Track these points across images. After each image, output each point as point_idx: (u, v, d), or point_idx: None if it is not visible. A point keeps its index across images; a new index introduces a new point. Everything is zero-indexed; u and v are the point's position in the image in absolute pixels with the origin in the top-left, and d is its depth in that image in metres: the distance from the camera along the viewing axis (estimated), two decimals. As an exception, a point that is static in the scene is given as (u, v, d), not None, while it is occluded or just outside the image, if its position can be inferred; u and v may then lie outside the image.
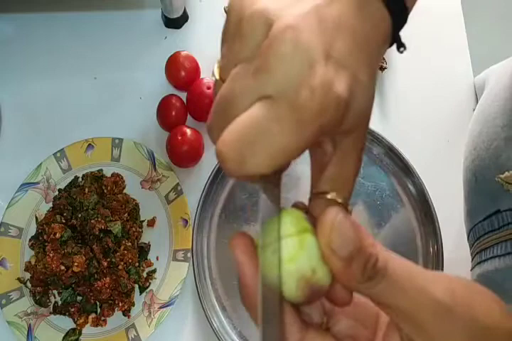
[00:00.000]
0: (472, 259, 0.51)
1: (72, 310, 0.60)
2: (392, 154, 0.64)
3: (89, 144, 0.66)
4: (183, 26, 0.72)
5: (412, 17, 0.31)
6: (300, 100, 0.22)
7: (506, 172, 0.43)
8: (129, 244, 0.61)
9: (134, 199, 0.64)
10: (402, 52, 0.29)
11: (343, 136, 0.25)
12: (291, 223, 0.24)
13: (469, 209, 0.52)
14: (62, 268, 0.58)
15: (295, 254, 0.23)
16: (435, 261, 0.60)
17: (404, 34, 0.30)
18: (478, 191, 0.49)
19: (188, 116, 0.66)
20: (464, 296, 0.24)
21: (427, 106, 0.70)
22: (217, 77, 0.26)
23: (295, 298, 0.24)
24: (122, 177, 0.65)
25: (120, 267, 0.59)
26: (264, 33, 0.23)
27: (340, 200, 0.25)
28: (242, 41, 0.24)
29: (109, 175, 0.65)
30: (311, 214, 0.26)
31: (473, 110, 0.60)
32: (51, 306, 0.61)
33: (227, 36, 0.25)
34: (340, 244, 0.23)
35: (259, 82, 0.22)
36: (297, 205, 0.27)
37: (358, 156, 0.26)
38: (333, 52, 0.23)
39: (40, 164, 0.65)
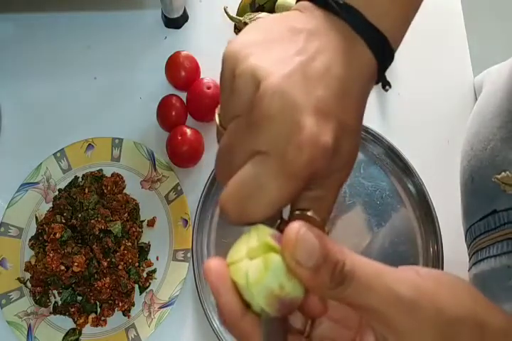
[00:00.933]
0: (470, 259, 0.51)
1: (72, 310, 0.60)
2: (392, 154, 0.64)
3: (89, 144, 0.66)
4: (183, 26, 0.72)
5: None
6: (289, 156, 0.24)
7: (503, 173, 0.43)
8: (129, 244, 0.61)
9: (134, 199, 0.64)
10: (387, 90, 0.32)
11: (330, 173, 0.27)
12: (257, 241, 0.25)
13: (466, 209, 0.52)
14: (62, 268, 0.58)
15: (260, 276, 0.24)
16: (435, 261, 0.60)
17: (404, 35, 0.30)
18: (475, 191, 0.49)
19: (188, 116, 0.66)
20: (429, 290, 0.24)
21: (426, 106, 0.70)
22: (218, 123, 0.30)
23: (264, 313, 0.25)
24: (122, 177, 0.65)
25: (120, 267, 0.59)
26: (254, 91, 0.25)
27: (318, 219, 0.27)
28: (234, 95, 0.26)
29: (109, 175, 0.65)
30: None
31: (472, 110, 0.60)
32: (51, 306, 0.61)
33: (223, 87, 0.28)
34: (305, 255, 0.23)
35: (251, 138, 0.25)
36: (269, 222, 0.28)
37: (340, 187, 0.28)
38: (319, 104, 0.24)
39: (40, 164, 0.65)
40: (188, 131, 0.63)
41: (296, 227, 0.24)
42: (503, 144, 0.44)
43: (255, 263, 0.24)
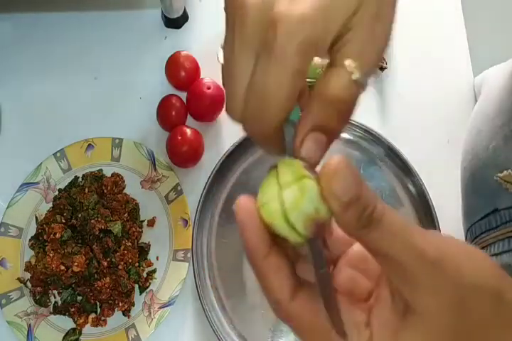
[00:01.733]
0: None
1: (72, 310, 0.60)
2: (392, 154, 0.64)
3: (89, 144, 0.66)
4: (183, 26, 0.72)
5: (412, 17, 0.31)
6: (268, 43, 0.24)
7: (505, 171, 0.43)
8: (129, 244, 0.61)
9: (134, 199, 0.64)
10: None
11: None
12: (288, 172, 0.25)
13: (467, 208, 0.52)
14: (62, 268, 0.58)
15: (297, 202, 0.24)
16: (435, 261, 0.60)
17: (404, 34, 0.30)
18: (476, 190, 0.49)
19: (188, 116, 0.66)
20: (453, 254, 0.24)
21: (427, 106, 0.70)
22: (222, 61, 0.28)
23: (303, 238, 0.25)
24: (122, 177, 0.65)
25: (120, 267, 0.59)
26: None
27: (357, 76, 0.25)
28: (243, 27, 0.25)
29: (109, 175, 0.65)
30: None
31: (473, 110, 0.60)
32: (51, 306, 0.61)
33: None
34: (341, 188, 0.23)
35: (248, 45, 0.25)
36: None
37: (375, 20, 0.26)
38: None
39: (40, 164, 0.65)
40: (188, 131, 0.63)
41: (338, 158, 0.24)
42: (505, 143, 0.44)
43: (290, 191, 0.24)
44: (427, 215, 0.62)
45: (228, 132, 0.67)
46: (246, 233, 0.25)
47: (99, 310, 0.60)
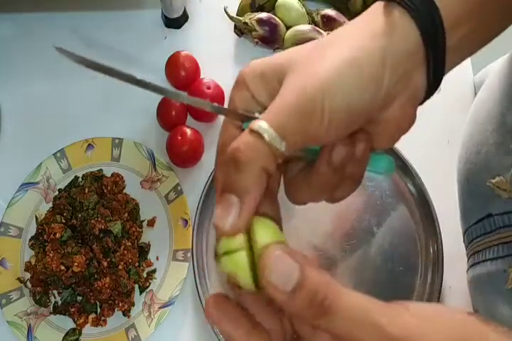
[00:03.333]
0: (468, 261, 0.51)
1: (72, 310, 0.60)
2: (392, 154, 0.64)
3: (89, 144, 0.66)
4: (183, 26, 0.72)
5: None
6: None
7: (497, 177, 0.43)
8: (129, 244, 0.61)
9: (134, 199, 0.64)
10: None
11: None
12: (265, 234, 0.25)
13: (463, 210, 0.52)
14: (62, 268, 0.58)
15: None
16: (435, 261, 0.60)
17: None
18: (471, 194, 0.49)
19: (188, 116, 0.66)
20: (418, 330, 0.23)
21: (426, 106, 0.69)
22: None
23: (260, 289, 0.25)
24: (122, 177, 0.65)
25: (120, 267, 0.59)
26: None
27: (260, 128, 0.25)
28: None
29: (109, 175, 0.65)
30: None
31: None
32: (51, 306, 0.61)
33: None
34: (278, 278, 0.23)
35: None
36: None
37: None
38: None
39: (40, 164, 0.65)
40: (188, 131, 0.63)
41: (271, 250, 0.23)
42: (496, 149, 0.44)
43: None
44: (427, 215, 0.62)
45: (228, 132, 0.67)
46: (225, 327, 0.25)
47: (99, 310, 0.60)
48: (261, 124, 0.25)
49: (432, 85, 0.29)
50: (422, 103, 0.30)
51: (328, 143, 0.28)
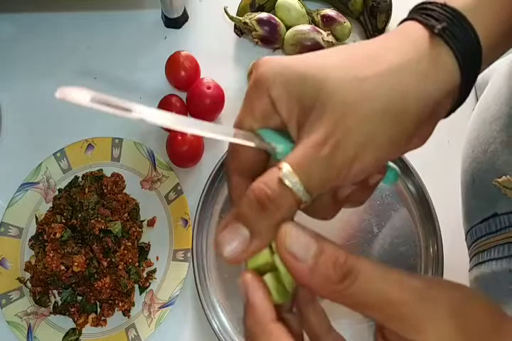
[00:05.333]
0: (470, 260, 0.51)
1: (72, 310, 0.60)
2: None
3: (89, 144, 0.66)
4: (183, 26, 0.72)
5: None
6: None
7: (503, 177, 0.43)
8: (129, 243, 0.61)
9: (134, 199, 0.64)
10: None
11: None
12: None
13: (467, 211, 0.52)
14: (62, 268, 0.58)
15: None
16: (435, 261, 0.60)
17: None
18: (476, 193, 0.49)
19: (188, 116, 0.66)
20: (435, 290, 0.24)
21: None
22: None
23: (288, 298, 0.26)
24: (122, 177, 0.65)
25: (120, 267, 0.59)
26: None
27: (288, 180, 0.24)
28: None
29: (109, 175, 0.65)
30: None
31: (473, 110, 0.60)
32: (51, 306, 0.61)
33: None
34: (301, 249, 0.23)
35: None
36: None
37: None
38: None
39: (40, 164, 0.65)
40: (188, 131, 0.63)
41: (287, 227, 0.24)
42: (504, 148, 0.44)
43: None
44: (427, 215, 0.62)
45: (228, 132, 0.67)
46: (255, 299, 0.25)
47: (99, 310, 0.60)
48: (291, 179, 0.24)
49: (458, 105, 0.29)
50: None
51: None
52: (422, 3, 0.28)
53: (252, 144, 0.27)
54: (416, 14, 0.28)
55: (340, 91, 0.25)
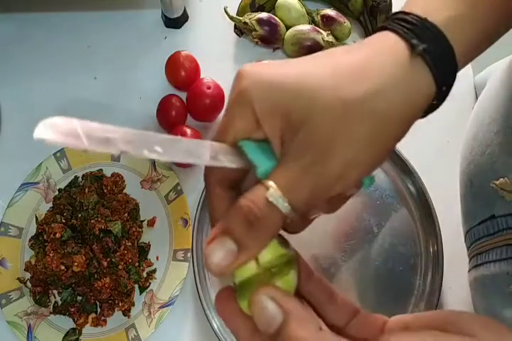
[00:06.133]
0: (469, 261, 0.51)
1: (72, 310, 0.60)
2: (392, 154, 0.64)
3: (89, 144, 0.66)
4: (183, 26, 0.72)
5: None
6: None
7: (501, 179, 0.43)
8: (129, 243, 0.61)
9: (134, 199, 0.64)
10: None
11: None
12: (266, 252, 0.26)
13: (465, 212, 0.52)
14: (62, 268, 0.58)
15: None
16: (435, 261, 0.60)
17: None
18: (474, 195, 0.49)
19: (188, 116, 0.66)
20: None
21: (427, 106, 0.69)
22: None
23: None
24: (122, 177, 0.65)
25: (120, 267, 0.59)
26: None
27: (273, 197, 0.25)
28: None
29: (109, 175, 0.65)
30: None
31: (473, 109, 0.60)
32: (51, 306, 0.61)
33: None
34: (261, 321, 0.25)
35: None
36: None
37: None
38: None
39: (40, 164, 0.65)
40: (188, 131, 0.63)
41: (259, 293, 0.25)
42: (501, 150, 0.44)
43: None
44: (427, 215, 0.62)
45: (228, 132, 0.67)
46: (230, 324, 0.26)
47: (99, 310, 0.60)
48: (278, 199, 0.25)
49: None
50: None
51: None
52: (402, 12, 0.29)
53: (233, 166, 0.27)
54: (396, 25, 0.28)
55: (327, 118, 0.25)
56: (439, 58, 0.27)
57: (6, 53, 0.71)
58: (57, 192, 0.65)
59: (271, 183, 0.25)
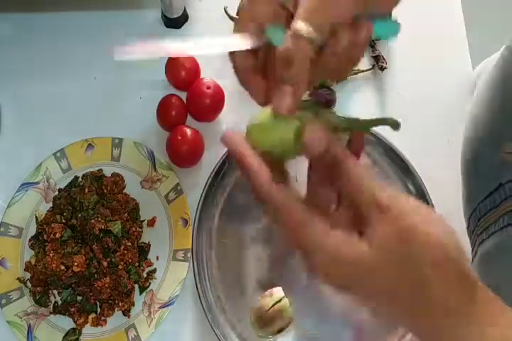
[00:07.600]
0: (472, 250, 0.51)
1: (72, 310, 0.60)
2: (392, 154, 0.64)
3: (89, 144, 0.66)
4: (183, 26, 0.72)
5: (412, 17, 0.31)
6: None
7: (508, 143, 0.44)
8: (129, 243, 0.61)
9: (134, 199, 0.64)
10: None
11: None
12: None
13: (469, 193, 0.52)
14: (62, 268, 0.58)
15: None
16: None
17: (404, 35, 0.30)
18: (479, 171, 0.50)
19: (188, 116, 0.66)
20: (401, 205, 0.30)
21: (426, 106, 0.69)
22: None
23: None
24: (122, 177, 0.65)
25: (120, 267, 0.59)
26: None
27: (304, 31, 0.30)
28: None
29: (109, 175, 0.65)
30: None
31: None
32: (51, 306, 0.61)
33: None
34: (311, 143, 0.30)
35: None
36: None
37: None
38: None
39: (40, 164, 0.65)
40: (188, 131, 0.63)
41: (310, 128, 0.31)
42: (504, 119, 0.45)
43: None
44: (427, 215, 0.62)
45: (228, 132, 0.67)
46: (247, 159, 0.30)
47: (99, 310, 0.60)
48: (303, 27, 0.30)
49: None
50: None
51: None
52: None
53: (257, 43, 0.34)
54: None
55: None
56: None
57: (6, 53, 0.71)
58: (57, 192, 0.65)
59: (294, 22, 0.30)
